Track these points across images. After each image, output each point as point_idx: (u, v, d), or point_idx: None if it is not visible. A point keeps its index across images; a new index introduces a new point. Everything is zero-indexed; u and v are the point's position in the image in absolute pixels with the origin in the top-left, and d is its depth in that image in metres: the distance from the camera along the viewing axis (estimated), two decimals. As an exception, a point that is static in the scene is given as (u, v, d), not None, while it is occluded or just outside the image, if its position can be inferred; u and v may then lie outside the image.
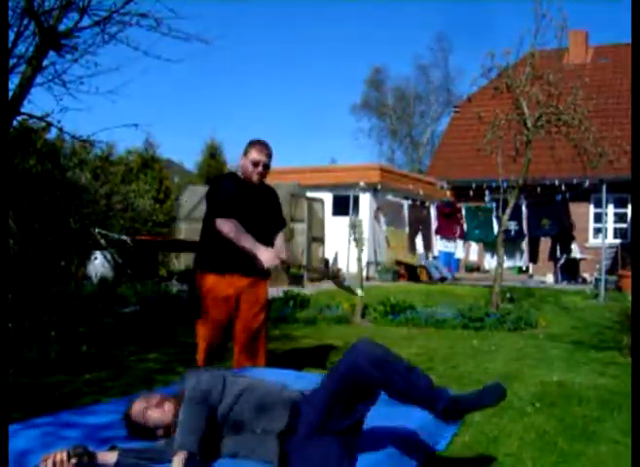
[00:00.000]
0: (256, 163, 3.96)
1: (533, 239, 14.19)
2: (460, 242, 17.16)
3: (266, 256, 3.79)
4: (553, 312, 9.12)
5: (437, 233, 17.45)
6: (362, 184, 16.11)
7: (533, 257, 14.49)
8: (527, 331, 7.46)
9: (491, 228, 17.24)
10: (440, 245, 17.42)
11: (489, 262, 17.42)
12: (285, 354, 5.85)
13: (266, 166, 4.02)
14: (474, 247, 17.90)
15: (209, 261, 4.01)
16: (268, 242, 3.96)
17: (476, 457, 3.11)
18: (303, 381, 3.91)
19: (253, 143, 4.03)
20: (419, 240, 17.15)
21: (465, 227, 17.54)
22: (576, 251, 15.54)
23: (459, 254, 17.56)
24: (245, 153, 4.00)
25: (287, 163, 18.39)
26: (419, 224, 17.16)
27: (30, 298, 6.34)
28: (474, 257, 18.01)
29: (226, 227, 3.81)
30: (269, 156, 4.02)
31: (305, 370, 4.98)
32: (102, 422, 2.94)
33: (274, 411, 2.48)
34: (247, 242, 3.79)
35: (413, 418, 3.16)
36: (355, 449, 2.49)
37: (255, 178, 3.99)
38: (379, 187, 16.49)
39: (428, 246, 17.13)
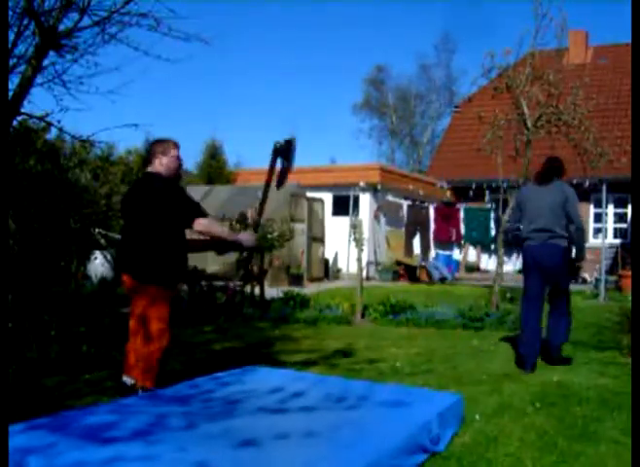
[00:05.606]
0: (179, 158, 4.17)
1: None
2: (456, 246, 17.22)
3: (245, 237, 4.24)
4: (553, 312, 9.10)
5: (433, 237, 17.46)
6: (362, 184, 16.09)
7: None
8: (527, 331, 7.43)
9: (488, 230, 17.23)
10: (438, 247, 17.47)
11: (487, 263, 17.44)
12: (285, 354, 5.85)
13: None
14: (471, 249, 17.91)
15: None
16: None
17: (476, 457, 3.11)
18: (303, 382, 3.92)
19: (164, 142, 4.15)
20: (417, 241, 17.18)
21: (462, 229, 17.56)
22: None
23: (456, 256, 17.58)
24: (163, 152, 4.07)
25: (287, 163, 18.31)
26: (417, 225, 17.16)
27: (30, 298, 6.33)
28: (472, 258, 18.02)
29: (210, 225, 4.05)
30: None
31: (305, 370, 4.98)
32: (102, 422, 2.94)
33: None
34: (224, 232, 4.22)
35: (414, 419, 3.16)
36: None
37: (179, 171, 4.23)
38: (379, 187, 16.47)
39: (426, 247, 17.14)
